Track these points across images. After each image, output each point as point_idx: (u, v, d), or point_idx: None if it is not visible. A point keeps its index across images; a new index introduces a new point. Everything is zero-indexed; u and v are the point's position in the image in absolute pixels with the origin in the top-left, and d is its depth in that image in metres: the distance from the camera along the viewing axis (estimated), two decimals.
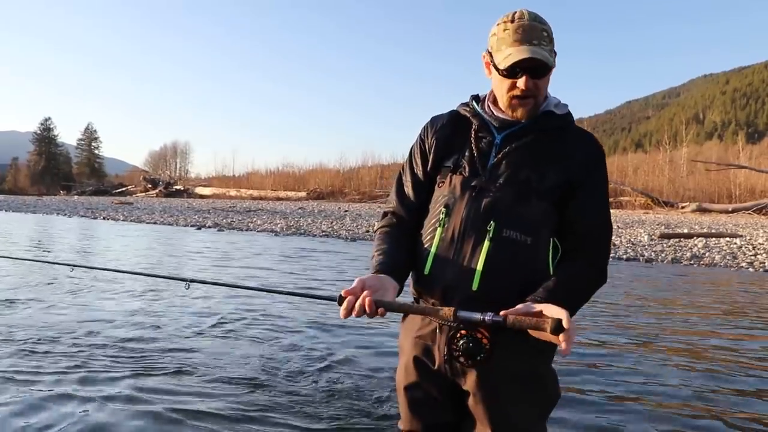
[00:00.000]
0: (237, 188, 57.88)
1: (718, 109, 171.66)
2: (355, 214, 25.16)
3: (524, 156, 1.59)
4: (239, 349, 3.87)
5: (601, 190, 1.64)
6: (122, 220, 20.92)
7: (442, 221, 1.60)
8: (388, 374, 3.38)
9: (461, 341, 1.47)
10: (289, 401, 2.93)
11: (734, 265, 9.96)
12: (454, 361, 1.55)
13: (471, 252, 1.54)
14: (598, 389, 3.28)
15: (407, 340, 1.69)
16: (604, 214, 1.64)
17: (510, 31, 1.53)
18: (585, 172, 1.60)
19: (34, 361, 3.42)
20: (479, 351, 1.46)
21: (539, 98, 1.59)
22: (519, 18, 1.54)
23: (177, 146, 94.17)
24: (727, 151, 58.56)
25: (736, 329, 5.02)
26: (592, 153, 1.64)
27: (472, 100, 1.72)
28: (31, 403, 2.76)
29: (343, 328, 4.55)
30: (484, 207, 1.56)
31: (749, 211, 29.78)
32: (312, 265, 8.91)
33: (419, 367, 1.65)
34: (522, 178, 1.57)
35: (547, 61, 1.51)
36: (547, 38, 1.53)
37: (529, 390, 1.57)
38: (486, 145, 1.63)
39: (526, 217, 1.55)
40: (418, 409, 1.66)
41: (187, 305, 5.30)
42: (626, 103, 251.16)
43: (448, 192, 1.62)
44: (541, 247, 1.57)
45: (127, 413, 2.68)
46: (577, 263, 1.58)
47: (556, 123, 1.63)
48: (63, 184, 76.71)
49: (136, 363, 3.45)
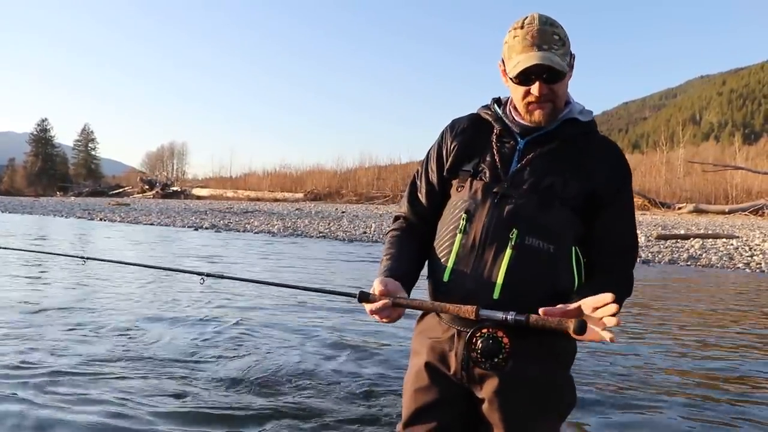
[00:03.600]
0: (234, 189, 57.75)
1: (715, 110, 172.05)
2: (353, 215, 25.14)
3: (548, 163, 1.56)
4: (246, 349, 3.86)
5: (629, 207, 1.64)
6: (119, 221, 20.88)
7: (463, 227, 1.56)
8: (389, 373, 3.38)
9: (480, 340, 1.43)
10: (291, 400, 2.93)
11: (731, 266, 9.98)
12: (471, 368, 1.52)
13: (492, 260, 1.51)
14: (597, 390, 3.28)
15: (422, 344, 1.65)
16: (632, 232, 1.65)
17: (519, 38, 1.51)
18: (612, 189, 1.58)
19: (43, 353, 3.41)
20: (499, 351, 1.42)
21: (558, 102, 1.56)
22: (528, 23, 1.51)
23: (174, 147, 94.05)
24: (723, 152, 58.65)
25: (736, 329, 5.02)
26: (619, 169, 1.61)
27: (494, 103, 1.69)
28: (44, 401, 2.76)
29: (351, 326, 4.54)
30: (507, 214, 1.53)
31: (746, 212, 29.83)
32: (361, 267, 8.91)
33: (432, 372, 1.61)
34: (545, 185, 1.54)
35: (558, 65, 1.48)
36: (560, 41, 1.50)
37: (546, 398, 1.55)
38: (508, 150, 1.61)
39: (549, 224, 1.52)
40: (424, 413, 1.61)
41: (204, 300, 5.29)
42: (623, 104, 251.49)
43: (468, 197, 1.59)
44: (564, 256, 1.54)
45: (127, 413, 2.68)
46: (609, 276, 1.56)
47: (580, 130, 1.61)
48: (60, 185, 76.50)
49: (137, 362, 3.44)
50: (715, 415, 2.95)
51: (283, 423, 2.69)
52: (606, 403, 3.10)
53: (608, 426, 2.82)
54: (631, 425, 2.83)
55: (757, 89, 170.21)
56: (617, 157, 1.63)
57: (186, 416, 2.71)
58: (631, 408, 3.04)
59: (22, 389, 2.97)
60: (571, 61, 1.55)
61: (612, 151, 1.63)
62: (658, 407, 3.06)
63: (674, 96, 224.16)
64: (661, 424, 2.85)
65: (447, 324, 1.60)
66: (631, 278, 1.63)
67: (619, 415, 2.94)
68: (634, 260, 1.66)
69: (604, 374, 3.59)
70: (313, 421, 2.72)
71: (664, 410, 3.01)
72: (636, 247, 1.67)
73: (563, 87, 1.56)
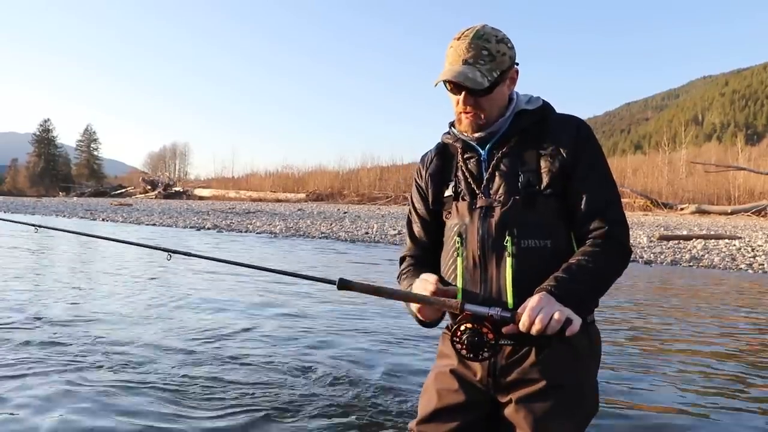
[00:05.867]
0: (236, 190, 57.80)
1: (717, 111, 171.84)
2: (354, 216, 25.15)
3: (513, 162, 1.59)
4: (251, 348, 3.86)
5: (596, 164, 1.59)
6: (121, 221, 20.91)
7: (459, 250, 1.60)
8: (391, 373, 3.37)
9: (465, 335, 1.46)
10: (293, 399, 2.92)
11: (733, 267, 9.96)
12: (499, 377, 1.56)
13: (497, 271, 1.54)
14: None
15: (450, 348, 1.64)
16: (605, 187, 1.58)
17: (453, 50, 1.55)
18: (573, 154, 1.56)
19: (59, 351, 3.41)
20: (482, 345, 1.45)
21: (487, 112, 1.58)
22: (465, 36, 1.54)
23: (176, 147, 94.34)
24: (726, 153, 58.53)
25: (736, 329, 5.01)
26: (573, 133, 1.59)
27: (451, 126, 1.72)
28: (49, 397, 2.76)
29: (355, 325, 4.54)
30: (495, 224, 1.55)
31: (748, 212, 29.78)
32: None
33: (457, 376, 1.64)
34: (521, 184, 1.56)
35: (470, 82, 1.49)
36: (488, 56, 1.51)
37: (568, 403, 1.56)
38: (475, 164, 1.65)
39: (538, 221, 1.54)
40: (444, 414, 1.63)
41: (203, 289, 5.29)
42: (625, 104, 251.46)
43: (458, 220, 1.63)
44: (563, 246, 1.56)
45: (128, 412, 2.68)
46: (589, 243, 1.54)
47: (532, 118, 1.62)
48: (62, 185, 76.70)
49: (136, 360, 3.44)
50: (716, 417, 2.94)
51: (283, 423, 2.68)
52: (606, 408, 3.09)
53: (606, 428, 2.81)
54: (630, 426, 2.83)
55: (759, 90, 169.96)
56: (570, 124, 1.61)
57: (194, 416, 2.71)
58: (631, 408, 3.04)
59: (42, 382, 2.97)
60: (506, 74, 1.56)
61: (568, 123, 1.62)
62: (659, 411, 3.05)
63: (676, 96, 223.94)
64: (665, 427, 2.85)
65: None
66: (616, 236, 1.54)
67: (620, 417, 2.93)
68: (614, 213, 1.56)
69: (604, 374, 3.59)
70: (317, 418, 2.72)
71: (665, 415, 3.01)
72: (613, 199, 1.58)
73: (490, 101, 1.57)
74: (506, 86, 1.60)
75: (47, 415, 2.65)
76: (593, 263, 1.50)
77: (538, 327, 1.34)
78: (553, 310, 1.35)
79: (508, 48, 1.56)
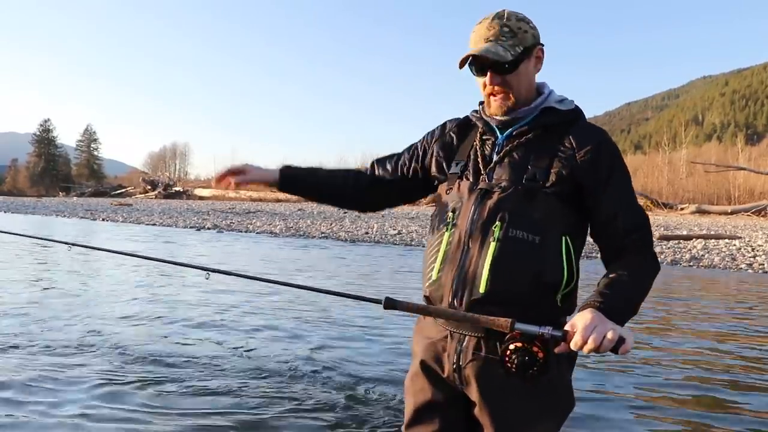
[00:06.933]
0: (236, 190, 57.65)
1: (717, 111, 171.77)
2: (354, 216, 25.12)
3: (526, 153, 1.57)
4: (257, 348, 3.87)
5: (624, 186, 1.58)
6: (121, 221, 20.91)
7: (449, 225, 1.59)
8: (391, 374, 3.38)
9: (515, 354, 1.40)
10: (295, 399, 2.93)
11: (733, 267, 9.97)
12: (462, 370, 1.53)
13: (478, 254, 1.52)
14: (596, 389, 3.28)
15: (419, 345, 1.66)
16: (634, 210, 1.58)
17: (475, 33, 1.57)
18: (601, 173, 1.54)
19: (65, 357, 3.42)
20: (533, 364, 1.39)
21: (515, 92, 1.57)
22: (485, 20, 1.56)
23: (176, 147, 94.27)
24: (726, 153, 58.56)
25: (736, 330, 5.02)
26: (603, 151, 1.57)
27: (480, 104, 1.71)
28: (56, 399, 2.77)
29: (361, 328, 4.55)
30: (489, 208, 1.54)
31: (748, 212, 29.78)
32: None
33: (427, 373, 1.62)
34: (527, 176, 1.55)
35: (492, 54, 1.51)
36: (509, 33, 1.53)
37: (538, 402, 1.53)
38: (489, 146, 1.64)
39: (532, 216, 1.52)
40: (423, 415, 1.62)
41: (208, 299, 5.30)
42: (625, 104, 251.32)
43: (456, 197, 1.62)
44: (551, 247, 1.52)
45: (129, 411, 2.69)
46: (625, 259, 1.53)
47: (561, 119, 1.61)
48: (62, 185, 76.67)
49: (135, 359, 3.45)
50: (716, 419, 2.95)
51: (283, 423, 2.69)
52: (600, 399, 3.10)
53: (606, 427, 2.82)
54: (629, 425, 2.83)
55: (759, 90, 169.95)
56: (600, 141, 1.58)
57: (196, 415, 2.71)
58: (629, 411, 3.04)
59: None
60: (530, 52, 1.56)
61: (594, 135, 1.59)
62: (658, 414, 3.06)
63: (677, 96, 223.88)
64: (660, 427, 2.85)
65: (440, 324, 1.60)
66: (647, 255, 1.56)
67: (619, 419, 2.93)
68: (645, 230, 1.57)
69: (600, 374, 3.60)
70: (318, 420, 2.73)
71: (665, 416, 3.01)
72: (642, 217, 1.59)
73: (518, 77, 1.57)
74: (531, 64, 1.59)
75: (47, 415, 2.66)
76: (635, 277, 1.50)
77: (591, 346, 1.31)
78: (606, 329, 1.32)
79: (531, 27, 1.57)
